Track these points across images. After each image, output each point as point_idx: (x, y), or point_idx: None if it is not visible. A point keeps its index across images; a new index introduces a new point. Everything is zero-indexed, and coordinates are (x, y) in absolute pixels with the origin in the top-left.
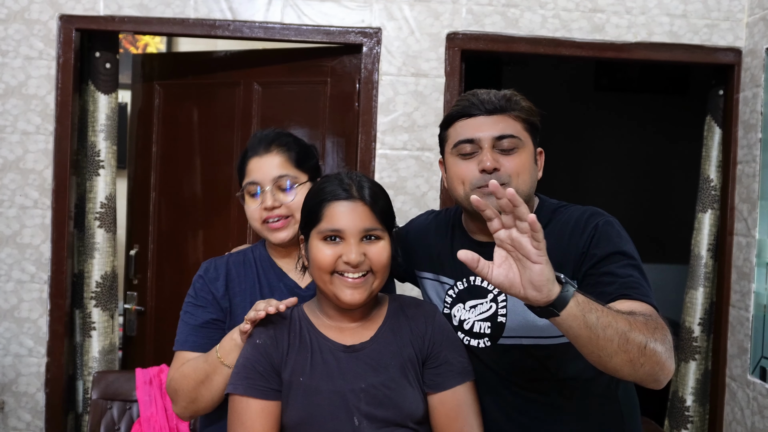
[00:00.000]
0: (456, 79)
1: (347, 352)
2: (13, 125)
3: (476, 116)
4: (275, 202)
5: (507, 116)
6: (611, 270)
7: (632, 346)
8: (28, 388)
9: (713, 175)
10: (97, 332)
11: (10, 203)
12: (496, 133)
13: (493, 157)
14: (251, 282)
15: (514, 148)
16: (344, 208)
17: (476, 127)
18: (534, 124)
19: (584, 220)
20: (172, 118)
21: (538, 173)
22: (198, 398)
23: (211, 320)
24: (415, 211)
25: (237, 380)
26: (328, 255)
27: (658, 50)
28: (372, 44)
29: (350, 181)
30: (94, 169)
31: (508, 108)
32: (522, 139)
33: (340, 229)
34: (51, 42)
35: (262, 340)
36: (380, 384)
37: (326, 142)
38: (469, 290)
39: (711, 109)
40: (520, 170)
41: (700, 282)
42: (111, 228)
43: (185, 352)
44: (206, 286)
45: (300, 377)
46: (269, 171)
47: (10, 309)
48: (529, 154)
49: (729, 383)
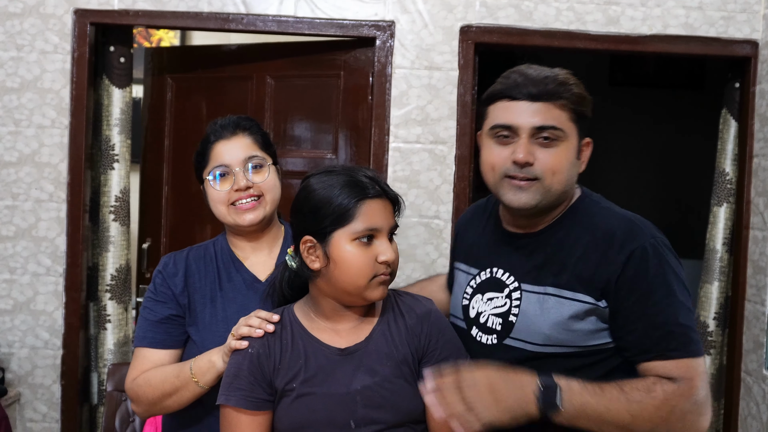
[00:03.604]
0: (469, 72)
1: (342, 355)
2: (29, 119)
3: (518, 100)
4: (248, 182)
5: (552, 105)
6: (634, 316)
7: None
8: (44, 380)
9: (729, 168)
10: (111, 325)
11: (26, 196)
12: (536, 123)
13: (528, 149)
14: (211, 277)
15: (555, 140)
16: (379, 205)
17: (516, 113)
18: (583, 114)
19: (620, 240)
20: (184, 111)
21: (580, 166)
22: (162, 407)
23: (170, 316)
24: (428, 205)
25: (228, 391)
26: (367, 258)
27: (673, 43)
28: (385, 37)
29: (368, 178)
30: (108, 163)
31: (556, 95)
32: (565, 131)
33: (378, 228)
34: (66, 36)
35: (253, 349)
36: (376, 385)
37: (339, 135)
38: (489, 281)
39: (727, 103)
40: (556, 167)
41: (715, 276)
42: (125, 221)
43: (145, 349)
44: (165, 281)
45: (293, 384)
46: (238, 153)
47: (26, 301)
48: (570, 148)
49: (744, 378)
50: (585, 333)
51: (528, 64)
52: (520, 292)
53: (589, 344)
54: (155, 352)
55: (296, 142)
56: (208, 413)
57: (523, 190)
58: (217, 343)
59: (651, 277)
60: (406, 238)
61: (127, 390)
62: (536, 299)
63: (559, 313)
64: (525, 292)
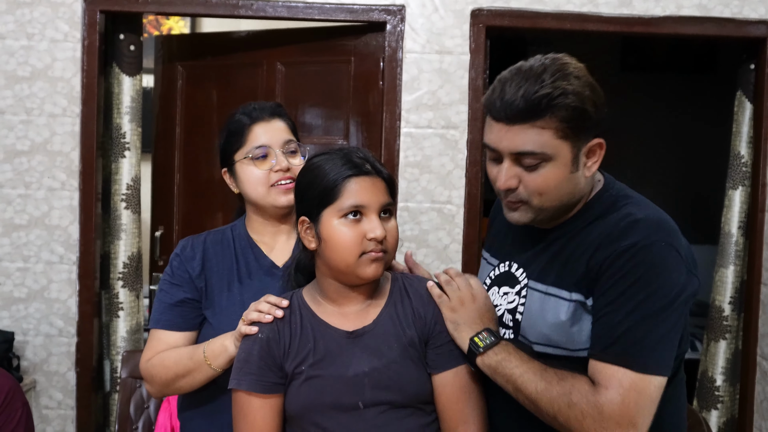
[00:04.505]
0: (481, 56)
1: (350, 338)
2: (41, 108)
3: (497, 121)
4: (289, 164)
5: (532, 126)
6: (598, 312)
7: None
8: (59, 368)
9: (744, 151)
10: (124, 312)
11: (39, 185)
12: (514, 148)
13: (510, 174)
14: (229, 262)
15: (539, 164)
16: (367, 183)
17: (496, 136)
18: (578, 123)
19: (615, 237)
20: (195, 99)
21: (583, 174)
22: (176, 388)
23: (185, 299)
24: (440, 190)
25: (239, 376)
26: (354, 235)
27: (687, 24)
28: (396, 22)
29: (359, 158)
30: (119, 151)
31: (536, 114)
32: (549, 153)
33: (364, 205)
34: (76, 24)
35: (263, 334)
36: (384, 367)
37: (350, 121)
38: (505, 275)
39: (742, 85)
40: (542, 190)
41: (730, 260)
42: (136, 209)
43: (161, 331)
44: (183, 265)
45: (303, 367)
46: (278, 135)
47: (40, 290)
48: (560, 166)
49: (760, 362)
50: (585, 336)
51: (519, 67)
52: (527, 289)
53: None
54: (170, 334)
55: (307, 129)
56: (223, 393)
57: (514, 209)
58: (233, 327)
59: (628, 278)
60: (418, 224)
61: (141, 370)
62: (539, 298)
63: (557, 314)
64: (531, 289)
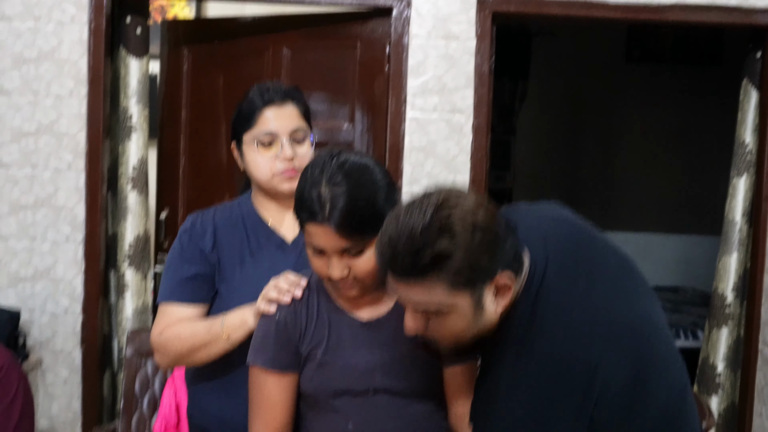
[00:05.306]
0: (487, 42)
1: (364, 328)
2: (47, 89)
3: (393, 273)
4: (293, 154)
5: (421, 284)
6: None
7: None
8: (64, 346)
9: (749, 139)
10: (130, 292)
11: (45, 166)
12: (412, 302)
13: (415, 322)
14: (239, 238)
15: (438, 314)
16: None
17: (396, 287)
18: (470, 275)
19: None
20: (200, 83)
21: (494, 311)
22: (190, 360)
23: (198, 274)
24: (444, 175)
25: (257, 353)
26: (320, 266)
27: (693, 12)
28: (402, 7)
29: (323, 199)
30: (126, 133)
31: (424, 273)
32: (445, 307)
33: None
34: (83, 6)
35: (280, 315)
36: (396, 358)
37: (356, 106)
38: None
39: (748, 73)
40: (445, 336)
41: (734, 248)
42: (143, 190)
43: (172, 305)
44: (193, 240)
45: (317, 351)
46: (287, 122)
47: (46, 269)
48: (461, 316)
49: (762, 349)
50: None
51: (398, 215)
52: None
53: None
54: (182, 308)
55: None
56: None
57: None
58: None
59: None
60: None
61: (152, 343)
62: None
63: None
64: None
